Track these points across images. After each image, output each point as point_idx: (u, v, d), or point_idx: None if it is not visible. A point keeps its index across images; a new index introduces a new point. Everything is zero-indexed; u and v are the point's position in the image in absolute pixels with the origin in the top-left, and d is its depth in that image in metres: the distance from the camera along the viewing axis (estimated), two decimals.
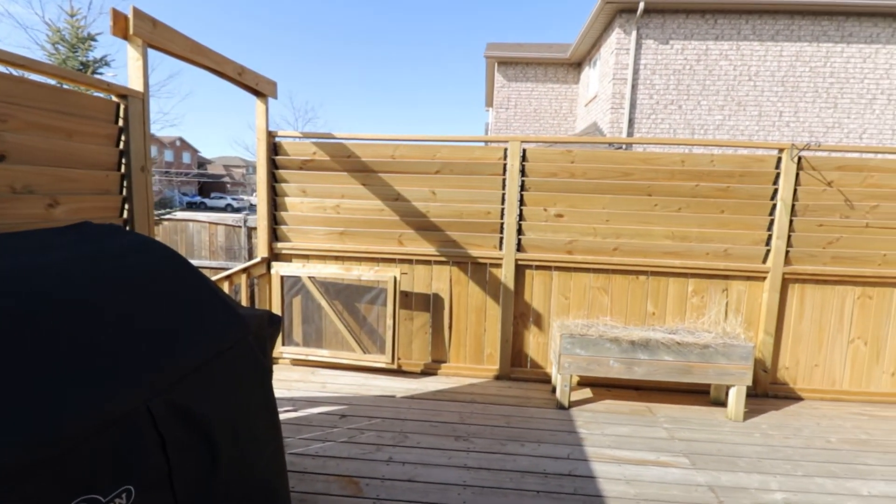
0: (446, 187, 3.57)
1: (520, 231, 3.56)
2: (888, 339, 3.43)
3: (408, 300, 3.65)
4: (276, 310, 3.62)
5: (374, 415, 2.94)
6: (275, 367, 3.70)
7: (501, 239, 3.56)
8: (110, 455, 1.01)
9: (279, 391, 3.23)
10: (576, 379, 3.54)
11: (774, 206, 3.37)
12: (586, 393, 3.39)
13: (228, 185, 49.72)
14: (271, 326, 1.84)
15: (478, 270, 3.60)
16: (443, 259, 3.60)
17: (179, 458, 1.20)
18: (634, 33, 10.22)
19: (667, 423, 2.94)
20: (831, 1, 9.82)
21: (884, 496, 2.30)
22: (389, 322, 3.46)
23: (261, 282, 3.69)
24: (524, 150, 3.53)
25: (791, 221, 3.37)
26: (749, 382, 3.00)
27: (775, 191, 3.37)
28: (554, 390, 3.32)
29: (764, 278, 3.41)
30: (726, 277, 3.45)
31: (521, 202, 3.54)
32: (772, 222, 3.38)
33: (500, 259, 3.54)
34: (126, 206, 2.21)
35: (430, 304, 3.64)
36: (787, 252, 3.38)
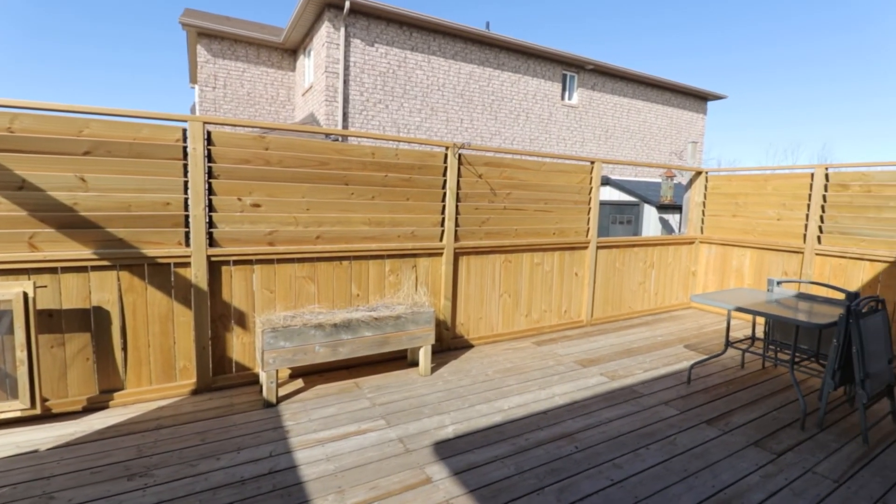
0: (104, 173, 2.86)
1: (211, 224, 3.20)
2: (522, 291, 4.68)
3: (54, 321, 2.79)
4: None
5: None
6: None
7: (188, 233, 3.11)
8: None
9: None
10: (286, 372, 3.47)
11: (445, 193, 4.08)
12: (298, 384, 3.36)
13: None
14: None
15: (159, 272, 3.05)
16: (106, 263, 2.89)
17: None
18: (343, 30, 10.65)
19: (370, 393, 3.21)
20: (489, 35, 12.58)
21: (517, 405, 3.12)
22: (21, 354, 2.56)
23: None
24: (209, 133, 3.17)
25: (457, 206, 4.15)
26: (433, 341, 3.58)
27: (445, 181, 4.08)
28: (263, 390, 3.16)
29: (441, 253, 4.10)
30: (415, 255, 3.99)
31: (211, 191, 3.18)
32: (444, 207, 4.08)
33: (188, 257, 3.10)
34: None
35: (91, 320, 2.89)
36: (456, 231, 4.15)
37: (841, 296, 4.24)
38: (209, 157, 3.17)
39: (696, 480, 2.33)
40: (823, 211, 4.92)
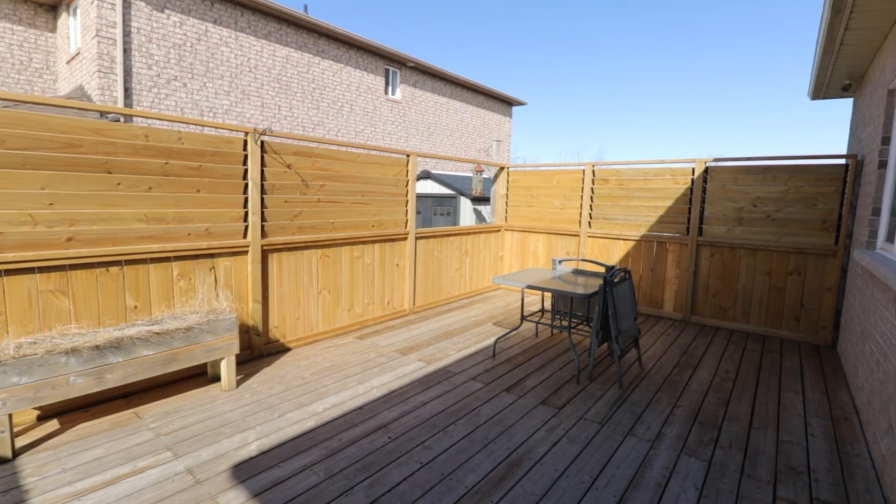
0: None
1: None
2: (343, 286, 4.56)
3: None
4: None
5: None
6: None
7: None
8: None
9: None
10: (32, 414, 2.70)
11: (247, 185, 3.68)
12: (51, 426, 2.64)
13: None
14: None
15: None
16: None
17: None
18: None
19: (154, 422, 2.71)
20: (306, 19, 11.91)
21: (333, 406, 3.00)
22: None
23: None
24: None
25: (263, 199, 3.79)
26: (237, 351, 3.20)
27: (246, 171, 3.67)
28: None
29: (246, 252, 3.70)
30: (212, 256, 3.51)
31: None
32: (247, 200, 3.68)
33: None
34: None
35: None
36: (262, 226, 3.79)
37: (603, 269, 5.22)
38: None
39: (494, 446, 2.56)
40: (592, 201, 5.98)
